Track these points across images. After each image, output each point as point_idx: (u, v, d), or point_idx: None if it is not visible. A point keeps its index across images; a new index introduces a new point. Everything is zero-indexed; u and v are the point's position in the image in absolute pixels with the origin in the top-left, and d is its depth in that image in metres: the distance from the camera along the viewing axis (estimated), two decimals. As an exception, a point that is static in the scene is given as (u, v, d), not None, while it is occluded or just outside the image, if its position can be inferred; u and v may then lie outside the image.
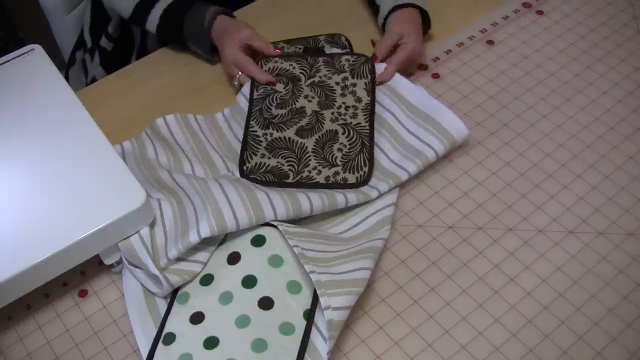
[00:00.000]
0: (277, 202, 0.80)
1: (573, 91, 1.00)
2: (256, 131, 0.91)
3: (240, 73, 0.99)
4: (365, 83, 0.95)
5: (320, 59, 0.99)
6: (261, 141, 0.90)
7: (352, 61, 0.98)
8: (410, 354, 0.73)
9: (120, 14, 1.09)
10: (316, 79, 0.96)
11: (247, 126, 0.93)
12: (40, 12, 1.27)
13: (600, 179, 0.88)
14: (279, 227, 0.79)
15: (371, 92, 0.94)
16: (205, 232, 0.76)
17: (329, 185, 0.86)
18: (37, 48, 0.92)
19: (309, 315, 0.75)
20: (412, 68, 1.03)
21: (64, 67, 1.30)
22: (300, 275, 0.77)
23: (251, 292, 0.75)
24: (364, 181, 0.87)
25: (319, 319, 0.75)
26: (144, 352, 0.73)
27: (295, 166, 0.88)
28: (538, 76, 1.02)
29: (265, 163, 0.88)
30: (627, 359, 0.72)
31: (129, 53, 1.21)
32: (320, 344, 0.73)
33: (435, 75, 1.02)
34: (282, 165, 0.88)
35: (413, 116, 0.93)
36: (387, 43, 0.99)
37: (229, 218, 0.77)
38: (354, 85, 0.95)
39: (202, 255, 0.79)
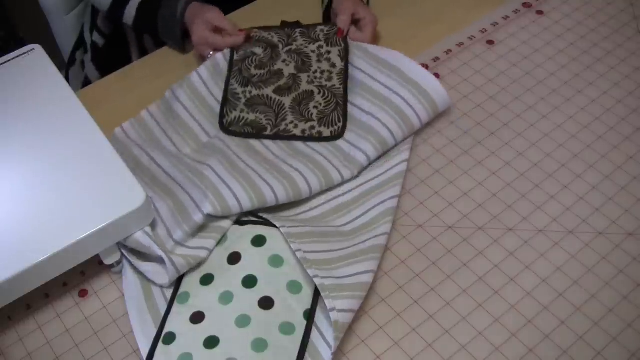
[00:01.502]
0: (270, 179, 0.83)
1: (573, 91, 0.99)
2: (236, 89, 0.97)
3: (212, 52, 1.01)
4: (339, 50, 1.01)
5: (298, 30, 1.04)
6: (240, 98, 0.95)
7: (327, 31, 1.03)
8: (410, 354, 0.73)
9: (99, 6, 1.08)
10: (293, 47, 1.01)
11: (227, 84, 0.97)
12: (40, 12, 1.27)
13: (600, 179, 0.88)
14: (280, 228, 0.79)
15: (345, 59, 1.00)
16: (208, 209, 0.79)
17: (304, 138, 0.91)
18: (37, 48, 0.92)
19: (309, 315, 0.75)
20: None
21: (64, 67, 1.30)
22: (300, 275, 0.77)
23: (251, 292, 0.75)
24: (338, 135, 0.91)
25: (319, 319, 0.75)
26: (144, 352, 0.73)
27: (273, 120, 0.92)
28: (538, 76, 1.02)
29: (244, 117, 0.93)
30: (627, 359, 0.72)
31: (124, 50, 1.21)
32: (320, 344, 0.73)
33: (436, 75, 1.02)
34: (261, 120, 0.93)
35: (380, 67, 0.97)
36: (346, 17, 1.03)
37: (227, 194, 0.81)
38: (329, 52, 1.01)
39: (207, 243, 0.80)
